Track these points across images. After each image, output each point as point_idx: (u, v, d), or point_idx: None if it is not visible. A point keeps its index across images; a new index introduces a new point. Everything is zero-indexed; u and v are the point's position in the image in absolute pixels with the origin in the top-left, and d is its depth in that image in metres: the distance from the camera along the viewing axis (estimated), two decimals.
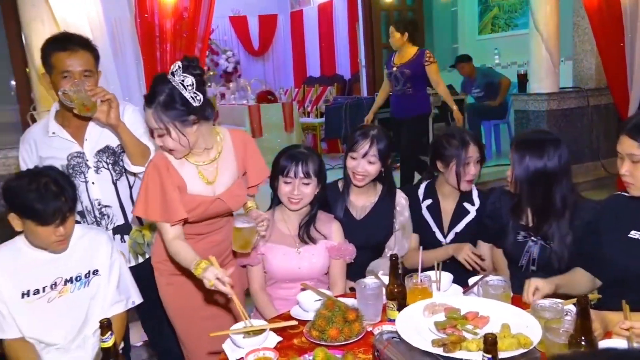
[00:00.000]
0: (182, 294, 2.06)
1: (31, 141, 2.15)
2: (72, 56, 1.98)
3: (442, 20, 8.19)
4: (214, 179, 1.98)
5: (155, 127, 1.82)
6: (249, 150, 2.07)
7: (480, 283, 1.81)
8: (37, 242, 1.81)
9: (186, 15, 3.52)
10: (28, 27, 3.58)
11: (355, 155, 2.25)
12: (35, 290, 1.83)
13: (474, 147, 2.29)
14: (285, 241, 2.14)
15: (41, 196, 1.69)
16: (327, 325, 1.62)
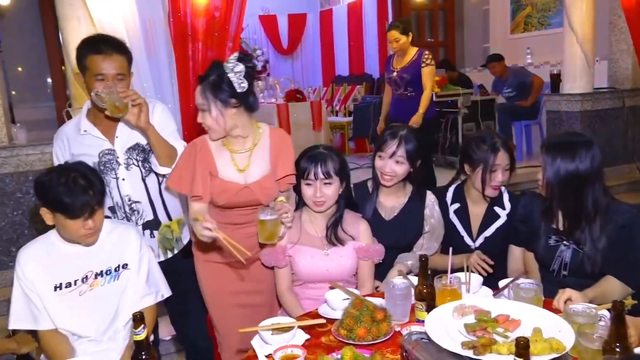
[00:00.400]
0: (217, 279, 2.21)
1: (64, 138, 2.20)
2: (106, 60, 2.01)
3: (474, 19, 8.09)
4: (245, 167, 2.11)
5: (200, 103, 2.01)
6: (283, 146, 2.16)
7: (511, 286, 1.79)
8: (68, 236, 1.85)
9: (218, 14, 3.56)
10: (65, 26, 3.66)
11: (383, 155, 2.25)
12: (67, 283, 1.87)
13: (504, 155, 2.25)
14: (312, 243, 2.13)
15: (70, 190, 1.73)
16: (355, 324, 1.62)
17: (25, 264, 1.85)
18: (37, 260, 1.86)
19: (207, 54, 3.59)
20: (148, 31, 3.59)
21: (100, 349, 1.90)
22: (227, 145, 2.13)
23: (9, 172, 3.58)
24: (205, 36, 3.53)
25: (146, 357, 1.42)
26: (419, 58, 4.47)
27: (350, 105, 8.02)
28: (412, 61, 4.50)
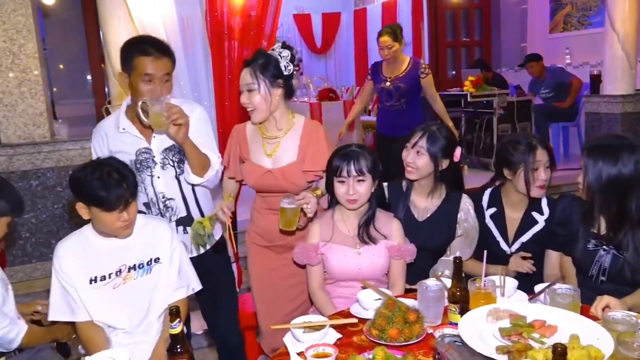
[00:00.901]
0: (262, 263, 2.39)
1: (102, 133, 2.24)
2: (155, 61, 2.04)
3: (511, 18, 7.95)
4: (272, 152, 2.26)
5: (249, 82, 2.15)
6: (314, 138, 2.25)
7: (548, 291, 1.75)
8: (104, 228, 1.90)
9: (254, 13, 3.59)
10: (106, 24, 3.75)
11: (407, 145, 2.27)
12: (102, 276, 1.92)
13: (543, 151, 2.21)
14: (345, 242, 2.13)
15: (104, 184, 1.79)
16: (387, 324, 1.62)
17: (62, 257, 1.91)
18: (73, 254, 1.91)
19: (242, 53, 3.63)
20: (185, 29, 3.65)
21: (134, 341, 1.95)
22: (261, 130, 2.29)
23: (51, 166, 3.69)
24: (241, 35, 3.57)
25: (181, 351, 1.45)
26: (416, 68, 4.17)
27: None
28: (407, 70, 4.19)
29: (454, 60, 7.83)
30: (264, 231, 2.38)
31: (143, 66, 2.03)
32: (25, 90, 3.67)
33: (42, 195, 3.72)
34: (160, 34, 3.52)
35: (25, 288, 3.52)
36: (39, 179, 3.69)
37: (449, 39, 7.70)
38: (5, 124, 3.67)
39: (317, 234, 2.15)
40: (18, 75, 3.65)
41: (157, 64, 2.04)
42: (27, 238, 3.75)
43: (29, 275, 3.72)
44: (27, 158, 3.67)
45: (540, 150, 2.20)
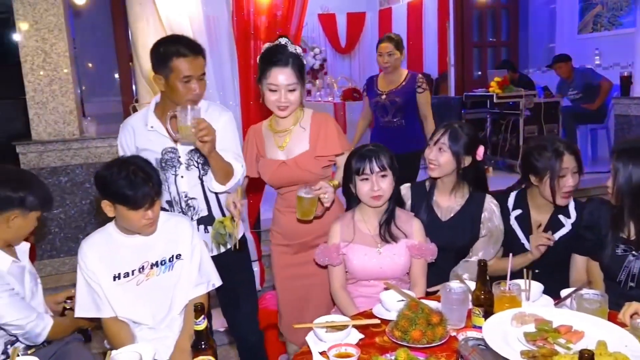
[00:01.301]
0: (284, 263, 2.43)
1: (130, 129, 2.26)
2: (193, 62, 2.06)
3: (539, 18, 7.83)
4: (283, 144, 2.31)
5: (291, 83, 2.19)
6: (323, 125, 2.31)
7: (574, 296, 1.73)
8: (128, 226, 1.92)
9: (280, 13, 3.61)
10: (134, 24, 3.81)
11: (430, 143, 2.28)
12: (125, 273, 1.95)
13: (570, 157, 2.16)
14: (366, 241, 2.14)
15: (131, 183, 1.81)
16: (410, 326, 1.61)
17: (87, 255, 1.94)
18: (97, 252, 1.95)
19: None
20: (211, 29, 3.67)
21: (158, 336, 1.98)
22: (271, 125, 2.37)
23: (79, 163, 3.77)
24: (267, 34, 3.58)
25: (205, 347, 1.47)
26: (413, 82, 3.88)
27: None
28: (404, 84, 3.90)
29: (480, 61, 7.75)
30: (285, 230, 2.40)
31: (182, 68, 2.04)
32: (56, 89, 3.76)
33: (71, 191, 3.81)
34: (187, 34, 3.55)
35: (54, 282, 3.60)
36: (68, 175, 3.77)
37: (475, 39, 7.61)
38: (36, 121, 3.76)
39: (338, 235, 2.16)
40: (49, 73, 3.73)
41: (194, 65, 2.06)
42: (56, 233, 3.84)
43: (57, 270, 3.81)
44: (56, 155, 3.76)
45: (567, 157, 2.16)
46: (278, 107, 2.24)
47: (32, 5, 3.65)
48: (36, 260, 3.80)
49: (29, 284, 2.02)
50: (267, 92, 2.23)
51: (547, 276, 2.11)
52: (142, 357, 1.48)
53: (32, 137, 3.79)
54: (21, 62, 3.71)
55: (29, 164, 3.71)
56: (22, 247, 2.07)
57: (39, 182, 2.02)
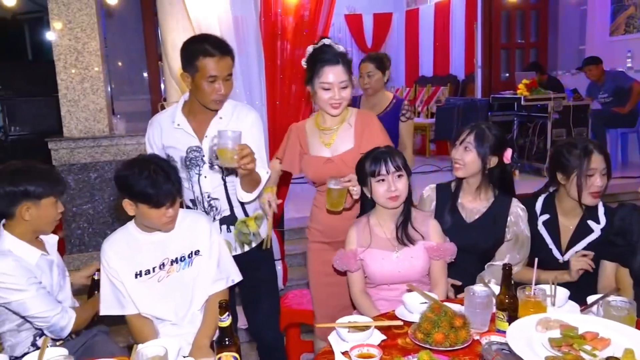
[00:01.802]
0: (321, 260, 2.42)
1: (157, 125, 2.27)
2: (220, 62, 2.05)
3: (569, 19, 7.69)
4: (330, 141, 2.36)
5: (344, 80, 2.25)
6: (367, 123, 2.37)
7: (601, 303, 1.70)
8: (149, 224, 1.95)
9: (307, 13, 3.63)
10: (164, 24, 3.88)
11: (456, 143, 2.28)
12: (147, 270, 1.97)
13: (599, 157, 2.14)
14: (383, 245, 2.13)
15: (153, 182, 1.83)
16: (433, 329, 1.61)
17: (108, 254, 1.97)
18: (118, 251, 1.98)
19: (294, 53, 3.67)
20: (239, 29, 3.71)
21: (181, 332, 1.99)
22: (317, 123, 2.40)
23: (109, 160, 3.85)
24: (294, 35, 3.60)
25: (229, 343, 1.48)
26: (397, 108, 3.52)
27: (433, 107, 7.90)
28: (387, 110, 3.54)
29: (507, 62, 7.65)
30: (325, 227, 2.41)
31: (208, 68, 2.04)
32: (87, 87, 3.84)
33: (100, 188, 3.89)
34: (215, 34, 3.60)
35: None
36: (97, 171, 3.85)
37: (503, 40, 7.52)
38: (68, 119, 3.85)
39: (355, 240, 2.15)
40: (81, 72, 3.82)
41: (221, 65, 2.05)
42: (84, 228, 3.92)
43: (85, 264, 3.89)
44: (87, 151, 3.84)
45: (596, 156, 2.13)
46: (331, 105, 2.27)
47: (66, 5, 3.74)
48: (65, 254, 3.90)
49: (56, 277, 2.07)
50: (320, 91, 2.26)
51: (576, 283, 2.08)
52: (168, 351, 1.51)
53: (64, 134, 3.88)
54: (54, 61, 3.81)
55: (60, 160, 3.80)
56: (50, 241, 2.12)
57: (38, 170, 2.00)
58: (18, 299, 1.89)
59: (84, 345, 2.09)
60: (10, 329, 2.01)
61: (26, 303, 1.90)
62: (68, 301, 2.12)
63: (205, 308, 2.04)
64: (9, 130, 6.67)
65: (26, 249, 1.97)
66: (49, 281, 2.02)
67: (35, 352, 1.63)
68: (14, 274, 1.88)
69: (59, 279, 2.09)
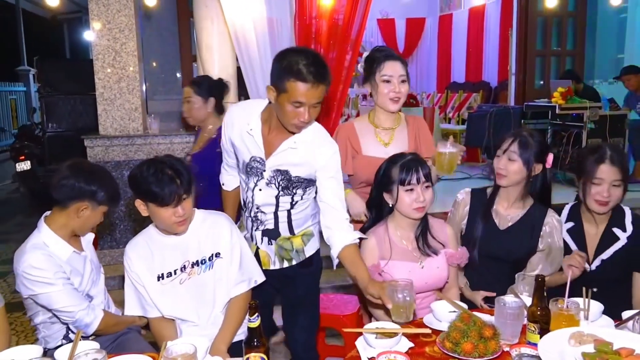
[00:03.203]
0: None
1: (231, 119, 2.15)
2: (311, 89, 1.84)
3: (608, 27, 7.53)
4: (389, 141, 2.44)
5: (403, 74, 2.37)
6: (422, 129, 2.51)
7: (637, 318, 1.66)
8: (160, 224, 1.96)
9: (341, 17, 3.64)
10: (199, 24, 3.94)
11: (499, 152, 2.25)
12: (168, 273, 1.98)
13: (611, 168, 2.10)
14: (407, 257, 2.10)
15: (158, 180, 1.83)
16: (462, 338, 1.59)
17: (130, 258, 1.99)
18: (140, 254, 1.99)
19: (327, 56, 3.68)
20: (274, 31, 3.74)
21: (204, 334, 1.96)
22: (374, 122, 2.48)
23: (141, 158, 3.89)
24: (328, 38, 3.62)
25: (258, 344, 1.49)
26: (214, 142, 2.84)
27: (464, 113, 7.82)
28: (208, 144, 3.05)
29: (542, 70, 7.52)
30: None
31: (297, 93, 1.84)
32: (124, 86, 3.92)
33: None
34: (250, 36, 3.65)
35: (112, 271, 3.75)
36: (131, 169, 3.91)
37: (538, 47, 7.39)
38: (104, 117, 3.94)
39: (376, 252, 2.10)
40: (118, 71, 3.90)
41: (311, 93, 1.85)
42: (116, 225, 4.00)
43: (116, 260, 3.96)
44: (121, 149, 3.92)
45: (606, 166, 2.11)
46: (392, 98, 2.36)
47: (106, 5, 3.82)
48: (97, 249, 3.98)
49: (89, 273, 2.11)
50: (381, 85, 2.35)
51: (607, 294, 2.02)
52: (197, 349, 1.52)
53: (99, 132, 3.97)
54: (93, 60, 3.90)
55: (95, 157, 3.89)
56: (87, 237, 2.17)
57: (110, 179, 2.10)
58: (45, 292, 1.93)
59: (116, 341, 2.12)
60: (43, 321, 2.06)
61: (52, 297, 1.94)
62: (100, 296, 2.16)
63: (227, 311, 2.04)
64: (46, 127, 6.84)
65: (60, 244, 2.01)
66: (80, 277, 2.06)
67: (68, 344, 1.66)
68: (43, 267, 1.92)
69: (92, 275, 2.13)
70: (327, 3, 3.68)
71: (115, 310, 2.23)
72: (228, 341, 1.97)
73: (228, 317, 2.02)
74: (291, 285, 2.27)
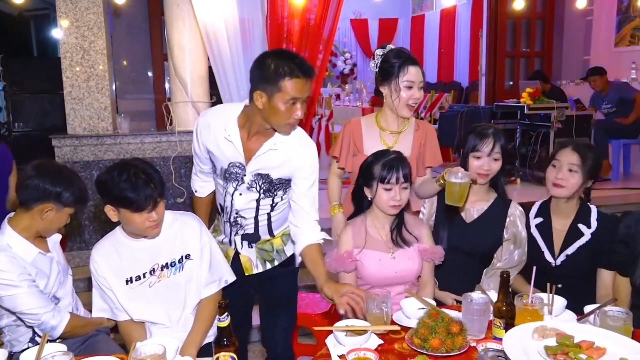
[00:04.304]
0: None
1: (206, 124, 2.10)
2: (305, 84, 1.90)
3: (575, 29, 7.70)
4: (393, 145, 2.42)
5: (421, 80, 2.37)
6: (429, 137, 2.48)
7: (598, 312, 1.70)
8: (133, 229, 1.90)
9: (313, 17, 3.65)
10: (170, 24, 3.90)
11: (479, 154, 2.27)
12: (137, 276, 1.95)
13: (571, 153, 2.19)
14: (379, 247, 2.16)
15: (133, 185, 1.78)
16: (430, 334, 1.61)
17: (97, 262, 1.94)
18: (107, 258, 1.95)
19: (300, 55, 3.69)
20: (246, 31, 3.74)
21: (175, 336, 1.91)
22: (380, 124, 2.47)
23: (112, 158, 3.86)
24: (300, 38, 3.64)
25: (228, 343, 1.49)
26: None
27: (436, 113, 7.91)
28: None
29: (512, 71, 7.67)
30: None
31: (293, 90, 1.87)
32: (92, 85, 3.86)
33: None
34: (222, 36, 3.64)
35: (82, 273, 3.68)
36: (100, 169, 3.85)
37: (508, 48, 7.53)
38: (72, 116, 3.87)
39: (350, 241, 2.16)
40: (87, 70, 3.84)
41: (306, 88, 1.91)
42: (85, 226, 3.94)
43: (85, 262, 3.89)
44: (90, 149, 3.85)
45: (567, 150, 2.20)
46: (411, 105, 2.35)
47: (74, 3, 3.76)
48: (66, 251, 3.91)
49: (56, 274, 2.07)
50: (403, 90, 2.34)
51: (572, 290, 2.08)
52: (167, 350, 1.51)
53: (68, 132, 3.90)
54: (61, 58, 3.83)
55: (63, 157, 3.82)
56: (53, 238, 2.12)
57: (77, 180, 2.05)
58: (9, 294, 1.88)
59: (84, 343, 2.09)
60: (8, 324, 2.02)
61: (16, 299, 1.89)
62: (68, 298, 2.11)
63: (197, 313, 2.02)
64: (13, 127, 6.69)
65: (25, 245, 1.97)
66: (46, 279, 2.02)
67: (35, 347, 1.64)
68: (7, 269, 1.88)
69: (59, 277, 2.09)
70: (299, 3, 3.69)
71: (84, 313, 2.19)
72: (198, 344, 1.96)
73: (198, 319, 2.00)
74: (272, 285, 2.26)
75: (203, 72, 3.99)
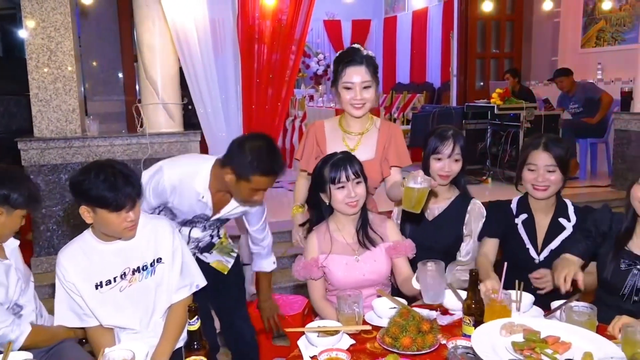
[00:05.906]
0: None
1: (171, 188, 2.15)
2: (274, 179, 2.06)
3: (543, 31, 7.86)
4: (355, 147, 2.37)
5: (367, 80, 2.28)
6: (394, 137, 2.40)
7: (564, 308, 1.74)
8: (109, 231, 1.86)
9: (284, 18, 3.65)
10: (140, 25, 3.85)
11: (440, 156, 2.31)
12: (107, 281, 1.90)
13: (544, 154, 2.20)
14: (345, 251, 2.14)
15: (112, 185, 1.74)
16: (401, 333, 1.63)
17: (65, 267, 1.88)
18: (76, 262, 1.89)
19: (271, 57, 3.69)
20: (217, 31, 3.72)
21: (144, 341, 1.91)
22: (342, 126, 2.42)
23: (80, 161, 3.78)
24: (271, 39, 3.62)
25: (198, 347, 1.48)
26: None
27: (409, 114, 7.97)
28: None
29: (482, 72, 7.78)
30: None
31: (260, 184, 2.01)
32: (60, 87, 3.78)
33: None
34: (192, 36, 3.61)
35: (50, 279, 3.60)
36: (69, 173, 3.78)
37: (478, 49, 7.64)
38: (39, 119, 3.79)
39: (316, 248, 2.14)
40: (54, 71, 3.76)
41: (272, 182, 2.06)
42: (53, 230, 3.85)
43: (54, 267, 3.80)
44: (58, 152, 3.78)
45: (539, 152, 2.21)
46: (353, 105, 2.30)
47: (40, 3, 3.68)
48: (33, 256, 3.82)
49: (16, 282, 1.97)
50: (343, 92, 2.30)
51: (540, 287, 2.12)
52: (136, 355, 1.49)
53: (34, 134, 3.81)
54: (27, 60, 3.74)
55: (30, 160, 3.73)
56: (9, 244, 2.01)
57: (26, 181, 1.96)
58: None
59: (50, 351, 2.02)
60: None
61: None
62: (31, 305, 2.03)
63: (167, 319, 1.99)
64: None
65: None
66: (4, 287, 1.92)
67: None
68: None
69: (20, 284, 1.99)
70: (270, 3, 3.68)
71: (48, 318, 2.12)
72: (169, 351, 1.93)
73: (169, 326, 1.97)
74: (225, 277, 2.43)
75: (173, 73, 3.95)
